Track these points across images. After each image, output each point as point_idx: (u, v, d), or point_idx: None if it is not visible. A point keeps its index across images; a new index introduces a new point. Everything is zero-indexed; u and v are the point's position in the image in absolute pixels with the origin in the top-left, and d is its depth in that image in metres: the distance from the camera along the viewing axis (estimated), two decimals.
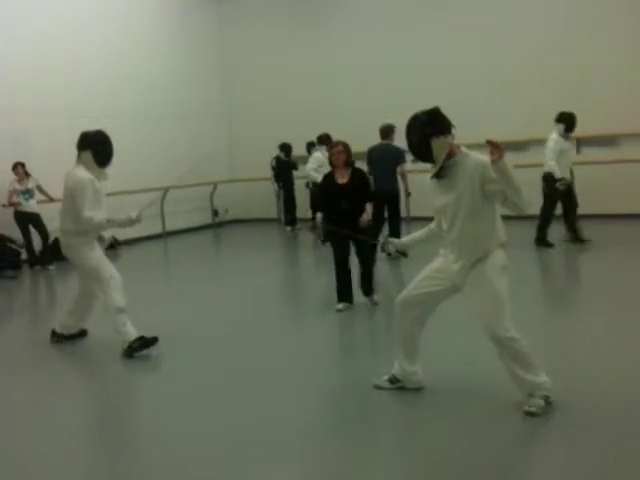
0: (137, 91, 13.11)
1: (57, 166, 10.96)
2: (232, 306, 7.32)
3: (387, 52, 13.49)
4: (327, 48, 14.23)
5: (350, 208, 6.44)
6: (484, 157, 3.75)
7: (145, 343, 5.47)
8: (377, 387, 4.45)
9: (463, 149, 3.87)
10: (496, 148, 3.56)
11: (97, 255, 5.63)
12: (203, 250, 12.70)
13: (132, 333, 5.48)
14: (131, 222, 5.56)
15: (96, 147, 5.47)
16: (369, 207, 6.55)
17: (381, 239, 4.79)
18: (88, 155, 5.45)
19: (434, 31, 13.06)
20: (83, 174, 5.43)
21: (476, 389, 4.33)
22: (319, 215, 6.72)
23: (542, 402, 3.82)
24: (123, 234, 12.47)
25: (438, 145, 3.78)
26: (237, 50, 15.36)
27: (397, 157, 8.96)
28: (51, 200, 10.73)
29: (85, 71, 11.95)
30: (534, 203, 4.53)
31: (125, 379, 5.25)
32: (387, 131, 9.21)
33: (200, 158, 14.28)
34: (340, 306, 6.66)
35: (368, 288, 6.76)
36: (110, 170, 5.72)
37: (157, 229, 13.28)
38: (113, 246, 12.56)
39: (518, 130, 12.16)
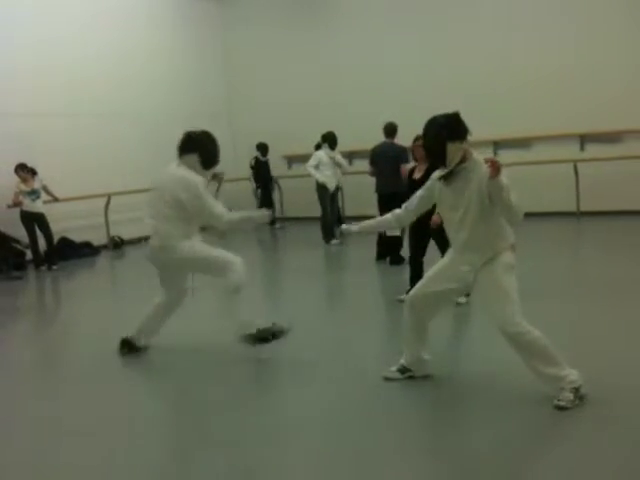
0: (139, 91, 13.08)
1: (59, 166, 11.10)
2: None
3: (388, 51, 13.46)
4: (329, 47, 14.19)
5: None
6: None
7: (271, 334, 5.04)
8: (387, 379, 4.46)
9: (475, 155, 3.96)
10: (493, 166, 3.65)
11: (202, 245, 5.20)
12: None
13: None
14: (264, 218, 5.37)
15: (203, 149, 5.11)
16: None
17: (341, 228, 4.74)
18: (194, 157, 5.06)
19: (435, 30, 13.01)
20: (194, 176, 5.00)
21: (499, 381, 4.32)
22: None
23: (571, 396, 3.79)
24: (128, 233, 12.49)
25: (453, 149, 3.88)
26: (239, 50, 15.34)
27: (399, 156, 8.67)
28: (56, 200, 10.75)
29: (86, 71, 11.94)
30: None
31: (139, 382, 5.19)
32: (390, 129, 9.11)
33: None
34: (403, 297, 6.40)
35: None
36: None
37: None
38: (118, 245, 12.59)
39: (521, 128, 12.17)
